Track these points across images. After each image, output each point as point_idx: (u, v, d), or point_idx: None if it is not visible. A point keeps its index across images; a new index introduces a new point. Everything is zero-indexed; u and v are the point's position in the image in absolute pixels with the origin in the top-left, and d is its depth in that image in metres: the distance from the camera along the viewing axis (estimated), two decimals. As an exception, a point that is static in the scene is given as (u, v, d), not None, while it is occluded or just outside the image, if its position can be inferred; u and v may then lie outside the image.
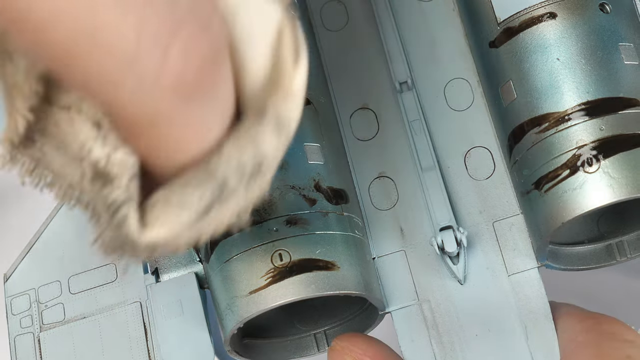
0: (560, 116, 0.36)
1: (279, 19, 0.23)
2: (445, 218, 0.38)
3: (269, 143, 0.22)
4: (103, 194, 0.23)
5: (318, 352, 0.40)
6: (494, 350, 0.37)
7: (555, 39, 0.37)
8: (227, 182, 0.23)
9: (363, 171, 0.40)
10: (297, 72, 0.22)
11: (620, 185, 0.35)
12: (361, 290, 0.37)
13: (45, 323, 0.40)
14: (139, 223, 0.23)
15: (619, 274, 0.53)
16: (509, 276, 0.38)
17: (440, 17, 0.42)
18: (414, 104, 0.40)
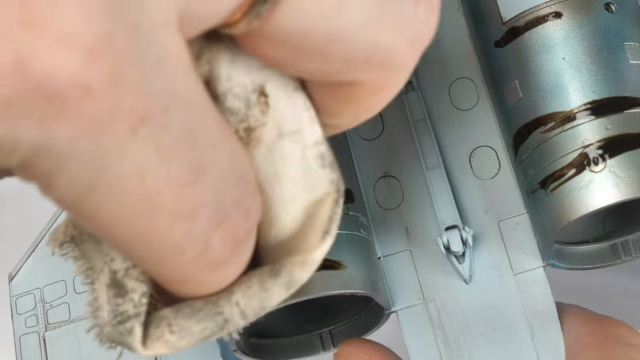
0: (566, 115, 0.36)
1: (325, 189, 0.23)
2: (451, 217, 0.38)
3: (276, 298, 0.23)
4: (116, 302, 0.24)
5: (324, 351, 0.40)
6: (499, 350, 0.37)
7: (561, 38, 0.37)
8: (230, 321, 0.23)
9: (368, 170, 0.40)
10: (322, 247, 0.23)
11: (626, 185, 0.35)
12: (367, 290, 0.37)
13: (50, 322, 0.40)
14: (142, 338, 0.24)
15: (624, 273, 0.53)
16: (515, 275, 0.38)
17: (444, 16, 0.42)
18: (419, 104, 0.40)
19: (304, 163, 0.23)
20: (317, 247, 0.23)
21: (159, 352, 0.24)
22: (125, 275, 0.24)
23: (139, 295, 0.24)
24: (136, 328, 0.24)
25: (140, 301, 0.24)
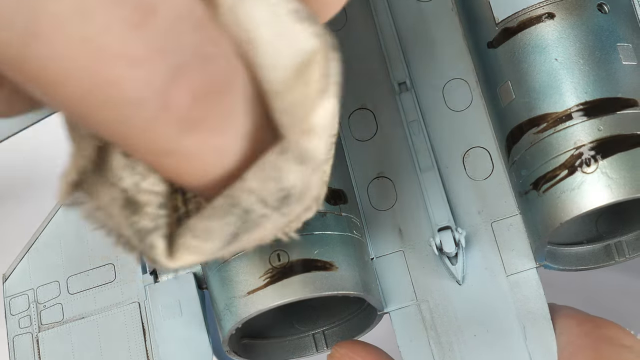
0: (559, 116, 0.36)
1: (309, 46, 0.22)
2: (444, 218, 0.38)
3: (292, 175, 0.22)
4: (132, 220, 0.23)
5: (317, 352, 0.40)
6: (492, 351, 0.37)
7: (554, 39, 0.37)
8: (251, 211, 0.22)
9: (361, 171, 0.40)
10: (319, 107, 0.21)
11: (618, 186, 0.35)
12: (359, 291, 0.37)
13: (44, 323, 0.40)
14: (166, 251, 0.23)
15: (617, 274, 0.53)
16: (508, 276, 0.38)
17: (438, 17, 0.42)
18: (413, 105, 0.40)
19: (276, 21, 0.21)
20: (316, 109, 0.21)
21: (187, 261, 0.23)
22: (137, 190, 0.23)
23: (154, 207, 0.23)
24: (157, 241, 0.23)
25: (158, 213, 0.23)
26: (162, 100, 0.20)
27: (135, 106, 0.20)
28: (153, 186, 0.23)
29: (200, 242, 0.23)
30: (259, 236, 0.23)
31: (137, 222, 0.23)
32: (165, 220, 0.23)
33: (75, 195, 0.23)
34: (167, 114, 0.20)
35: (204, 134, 0.21)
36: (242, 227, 0.22)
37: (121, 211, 0.23)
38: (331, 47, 0.22)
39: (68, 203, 0.23)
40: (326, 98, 0.21)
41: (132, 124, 0.20)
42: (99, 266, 0.41)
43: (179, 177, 0.22)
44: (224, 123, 0.21)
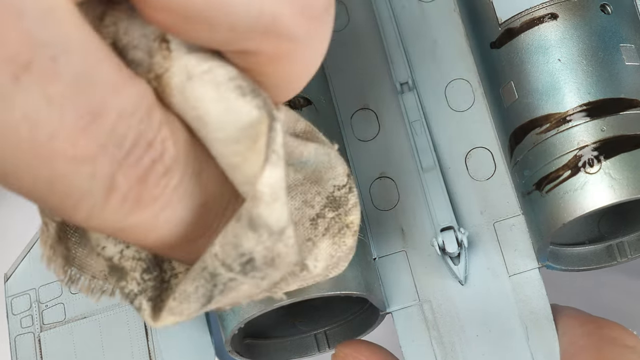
0: (562, 117, 0.36)
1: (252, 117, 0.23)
2: (446, 218, 0.38)
3: (248, 242, 0.23)
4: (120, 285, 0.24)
5: (319, 352, 0.40)
6: (494, 351, 0.37)
7: (557, 39, 0.37)
8: (217, 275, 0.23)
9: (364, 171, 0.40)
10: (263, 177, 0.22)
11: (621, 186, 0.35)
12: (362, 291, 0.37)
13: (45, 323, 0.40)
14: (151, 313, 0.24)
15: (619, 274, 0.53)
16: (510, 277, 0.38)
17: (441, 17, 0.42)
18: (415, 105, 0.40)
19: (222, 99, 0.22)
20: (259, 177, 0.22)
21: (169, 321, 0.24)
22: (121, 258, 0.24)
23: (139, 273, 0.24)
24: (144, 304, 0.24)
25: (142, 277, 0.24)
26: (106, 188, 0.21)
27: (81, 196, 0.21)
28: (137, 253, 0.24)
29: (179, 304, 0.24)
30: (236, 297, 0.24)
31: (124, 287, 0.24)
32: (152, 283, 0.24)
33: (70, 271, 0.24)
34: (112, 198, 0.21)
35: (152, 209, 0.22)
36: (214, 290, 0.23)
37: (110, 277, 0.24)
38: (275, 118, 0.22)
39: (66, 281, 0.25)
40: (269, 167, 0.22)
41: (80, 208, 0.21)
42: (101, 266, 0.41)
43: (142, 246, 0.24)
44: (172, 198, 0.22)
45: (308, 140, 0.25)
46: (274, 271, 0.24)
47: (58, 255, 0.24)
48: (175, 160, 0.22)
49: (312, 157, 0.25)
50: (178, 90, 0.22)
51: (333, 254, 0.26)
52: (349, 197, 0.26)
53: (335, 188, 0.26)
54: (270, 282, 0.24)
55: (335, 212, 0.26)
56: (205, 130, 0.23)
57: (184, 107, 0.22)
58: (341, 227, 0.26)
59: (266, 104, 0.23)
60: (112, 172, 0.21)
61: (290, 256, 0.24)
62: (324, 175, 0.26)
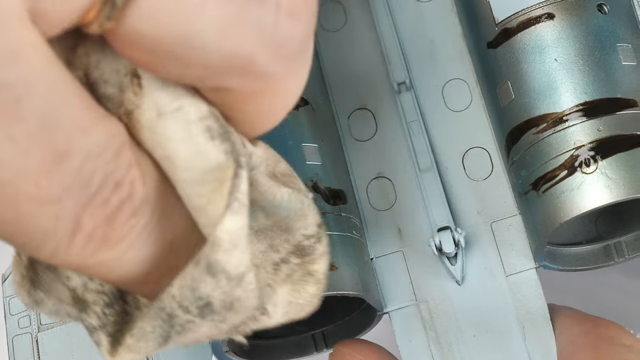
0: (558, 117, 0.36)
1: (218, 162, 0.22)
2: (443, 218, 0.38)
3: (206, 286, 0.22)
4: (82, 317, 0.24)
5: (316, 352, 0.40)
6: (491, 351, 0.37)
7: (553, 39, 0.37)
8: (175, 317, 0.23)
9: (361, 171, 0.40)
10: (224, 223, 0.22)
11: (618, 186, 0.35)
12: (359, 291, 0.37)
13: (43, 323, 0.40)
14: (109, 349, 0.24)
15: (617, 274, 0.53)
16: (507, 277, 0.38)
17: (438, 17, 0.42)
18: (412, 105, 0.40)
19: (191, 140, 0.22)
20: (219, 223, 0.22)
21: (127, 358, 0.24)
22: (85, 290, 0.24)
23: (101, 307, 0.24)
24: (102, 339, 0.24)
25: (104, 312, 0.24)
26: (71, 229, 0.21)
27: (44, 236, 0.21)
28: (101, 286, 0.24)
29: (136, 342, 0.24)
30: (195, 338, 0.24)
31: (85, 319, 0.24)
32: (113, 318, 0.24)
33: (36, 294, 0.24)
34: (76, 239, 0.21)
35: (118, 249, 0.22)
36: (171, 331, 0.23)
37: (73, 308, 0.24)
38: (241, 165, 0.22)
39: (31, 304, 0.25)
40: (230, 214, 0.22)
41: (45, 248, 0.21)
42: (98, 266, 0.41)
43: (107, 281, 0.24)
44: (139, 238, 0.22)
45: (284, 185, 0.25)
46: (233, 315, 0.23)
47: (26, 280, 0.24)
48: (144, 201, 0.22)
49: (285, 202, 0.25)
50: (148, 127, 0.22)
51: (292, 301, 0.26)
52: (317, 247, 0.26)
53: (304, 237, 0.26)
54: (230, 325, 0.24)
55: (300, 259, 0.26)
56: (173, 170, 0.23)
57: (153, 145, 0.22)
58: (304, 274, 0.26)
59: (234, 150, 0.22)
60: (77, 214, 0.21)
61: (250, 300, 0.23)
62: (295, 223, 0.25)
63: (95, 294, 0.24)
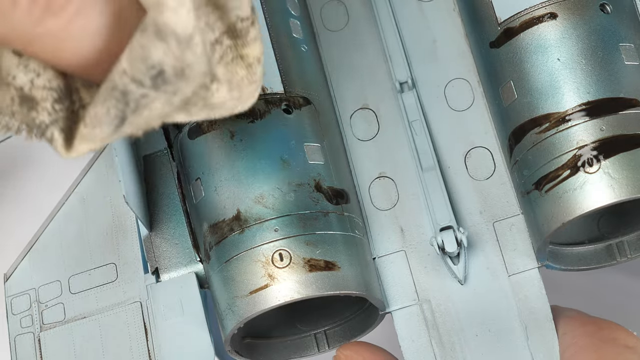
0: (561, 116, 0.36)
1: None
2: (446, 218, 0.38)
3: (156, 52, 0.22)
4: (31, 116, 0.24)
5: (318, 352, 0.40)
6: (494, 351, 0.37)
7: (556, 39, 0.37)
8: (128, 93, 0.23)
9: (363, 171, 0.40)
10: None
11: (620, 186, 0.35)
12: (361, 291, 0.37)
13: (45, 323, 0.40)
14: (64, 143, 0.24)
15: (619, 274, 0.53)
16: (509, 276, 0.38)
17: (440, 17, 0.42)
18: (414, 104, 0.40)
19: None
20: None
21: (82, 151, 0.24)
22: (32, 87, 0.24)
23: (50, 103, 0.24)
24: (55, 134, 0.24)
25: (54, 107, 0.24)
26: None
27: None
28: (48, 82, 0.24)
29: (91, 129, 0.23)
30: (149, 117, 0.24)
31: (35, 117, 0.24)
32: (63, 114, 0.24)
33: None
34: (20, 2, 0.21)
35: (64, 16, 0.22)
36: (126, 109, 0.23)
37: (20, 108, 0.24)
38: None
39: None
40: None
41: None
42: (100, 266, 0.41)
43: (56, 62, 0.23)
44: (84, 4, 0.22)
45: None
46: (185, 84, 0.23)
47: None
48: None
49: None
50: None
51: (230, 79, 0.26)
52: (250, 30, 0.26)
53: (238, 19, 0.26)
54: (183, 97, 0.24)
55: (232, 40, 0.25)
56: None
57: None
58: (235, 57, 0.26)
59: None
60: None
61: (200, 65, 0.23)
62: (229, 3, 0.25)
63: (43, 90, 0.24)
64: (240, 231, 0.36)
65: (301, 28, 0.40)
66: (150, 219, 0.40)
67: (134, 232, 0.41)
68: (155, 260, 0.40)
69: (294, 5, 0.40)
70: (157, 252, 0.40)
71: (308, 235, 0.36)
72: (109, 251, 0.41)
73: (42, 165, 0.57)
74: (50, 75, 0.24)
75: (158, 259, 0.40)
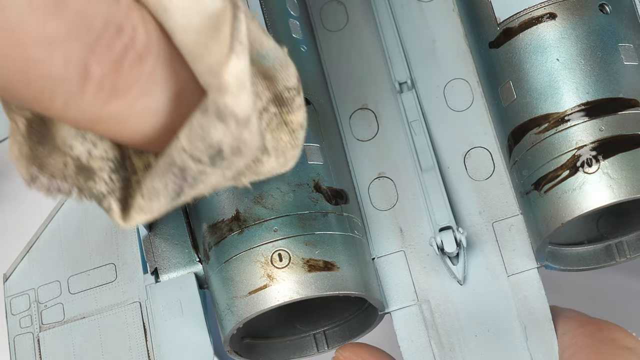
0: (560, 117, 0.36)
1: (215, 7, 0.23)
2: (445, 218, 0.38)
3: (216, 132, 0.23)
4: (87, 186, 0.24)
5: (317, 352, 0.40)
6: (493, 351, 0.37)
7: (555, 39, 0.37)
8: (187, 169, 0.23)
9: (363, 171, 0.40)
10: (229, 66, 0.23)
11: (619, 186, 0.35)
12: (361, 291, 0.37)
13: (44, 323, 0.40)
14: (120, 213, 0.25)
15: (618, 274, 0.53)
16: (509, 277, 0.38)
17: (440, 17, 0.42)
18: (414, 104, 0.40)
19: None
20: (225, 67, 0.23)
21: (138, 220, 0.24)
22: (89, 158, 0.24)
23: (107, 173, 0.24)
24: (113, 205, 0.25)
25: (111, 178, 0.24)
26: (81, 74, 0.22)
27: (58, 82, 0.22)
28: (105, 153, 0.25)
29: (148, 202, 0.24)
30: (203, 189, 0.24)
31: (92, 187, 0.24)
32: (119, 184, 0.25)
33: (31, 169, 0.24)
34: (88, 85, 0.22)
35: (129, 98, 0.23)
36: (184, 184, 0.24)
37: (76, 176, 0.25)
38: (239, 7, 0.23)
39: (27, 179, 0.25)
40: (234, 56, 0.23)
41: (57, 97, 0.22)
42: (100, 266, 0.41)
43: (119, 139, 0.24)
44: (148, 85, 0.23)
45: None
46: (239, 159, 0.24)
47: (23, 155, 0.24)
48: (147, 47, 0.23)
49: (272, 51, 0.26)
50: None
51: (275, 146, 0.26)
52: (295, 99, 0.26)
53: (285, 88, 0.26)
54: (235, 171, 0.24)
55: (277, 108, 0.26)
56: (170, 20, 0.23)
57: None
58: (280, 123, 0.26)
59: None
60: (84, 58, 0.22)
61: (255, 142, 0.24)
62: (278, 74, 0.26)
63: (100, 161, 0.24)
64: (240, 231, 0.36)
65: (300, 28, 0.40)
66: (149, 219, 0.40)
67: (134, 233, 0.41)
68: (154, 260, 0.40)
69: (293, 6, 0.40)
70: (157, 253, 0.40)
71: (307, 236, 0.36)
72: (109, 251, 0.41)
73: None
74: (107, 146, 0.25)
75: (157, 259, 0.40)
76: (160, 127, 0.24)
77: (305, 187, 0.37)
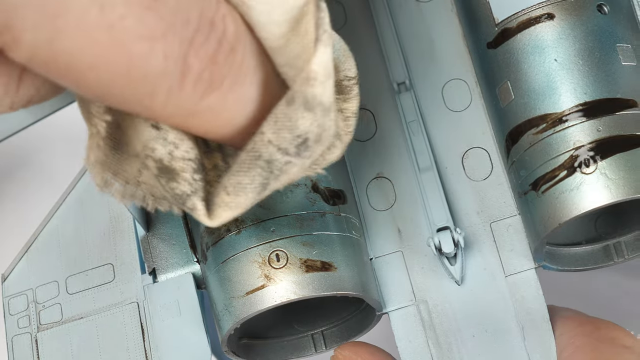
0: (558, 117, 0.36)
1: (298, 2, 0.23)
2: (443, 219, 0.38)
3: (304, 122, 0.23)
4: (170, 187, 0.25)
5: (315, 352, 0.40)
6: (491, 351, 0.37)
7: (553, 39, 0.37)
8: (274, 161, 0.24)
9: (361, 172, 0.40)
10: (316, 56, 0.23)
11: (617, 186, 0.35)
12: (358, 291, 0.37)
13: (42, 323, 0.40)
14: (206, 212, 0.25)
15: (616, 274, 0.53)
16: (506, 277, 0.38)
17: (438, 17, 0.42)
18: (412, 105, 0.40)
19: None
20: (312, 57, 0.23)
21: (225, 217, 0.25)
22: (172, 159, 0.25)
23: (190, 173, 0.25)
24: (198, 204, 0.25)
25: (193, 177, 0.25)
26: (181, 68, 0.22)
27: (159, 77, 0.22)
28: (186, 153, 0.25)
29: (234, 197, 0.24)
30: (286, 181, 0.25)
31: (175, 188, 0.25)
32: (202, 183, 0.25)
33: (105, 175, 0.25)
34: (187, 79, 0.22)
35: (223, 89, 0.23)
36: (270, 177, 0.24)
37: (156, 179, 0.25)
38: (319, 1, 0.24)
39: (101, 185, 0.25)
40: (321, 46, 0.23)
41: (158, 93, 0.22)
42: (97, 266, 0.41)
43: (208, 133, 0.25)
44: (239, 76, 0.24)
45: None
46: (319, 147, 0.24)
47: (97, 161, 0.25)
48: (237, 38, 0.23)
49: (337, 42, 0.27)
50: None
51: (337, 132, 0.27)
52: (354, 88, 0.27)
53: (345, 77, 0.27)
54: (313, 159, 0.25)
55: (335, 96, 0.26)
56: (250, 13, 0.24)
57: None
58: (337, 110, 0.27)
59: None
60: (183, 53, 0.22)
61: (332, 128, 0.24)
62: (341, 64, 0.27)
63: (182, 162, 0.25)
64: (237, 232, 0.36)
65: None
66: (147, 220, 0.40)
67: (132, 233, 0.41)
68: (152, 260, 0.40)
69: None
70: (154, 253, 0.40)
71: (305, 236, 0.36)
72: (107, 252, 0.41)
73: (42, 165, 0.57)
74: (188, 147, 0.25)
75: (155, 259, 0.40)
76: (250, 117, 0.24)
77: (303, 188, 0.37)
